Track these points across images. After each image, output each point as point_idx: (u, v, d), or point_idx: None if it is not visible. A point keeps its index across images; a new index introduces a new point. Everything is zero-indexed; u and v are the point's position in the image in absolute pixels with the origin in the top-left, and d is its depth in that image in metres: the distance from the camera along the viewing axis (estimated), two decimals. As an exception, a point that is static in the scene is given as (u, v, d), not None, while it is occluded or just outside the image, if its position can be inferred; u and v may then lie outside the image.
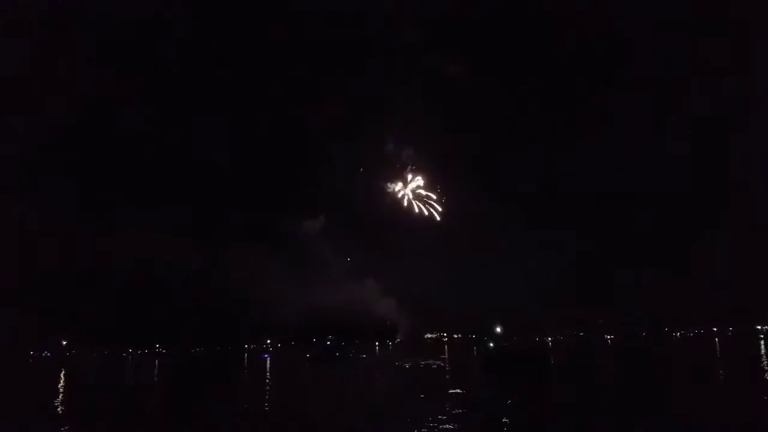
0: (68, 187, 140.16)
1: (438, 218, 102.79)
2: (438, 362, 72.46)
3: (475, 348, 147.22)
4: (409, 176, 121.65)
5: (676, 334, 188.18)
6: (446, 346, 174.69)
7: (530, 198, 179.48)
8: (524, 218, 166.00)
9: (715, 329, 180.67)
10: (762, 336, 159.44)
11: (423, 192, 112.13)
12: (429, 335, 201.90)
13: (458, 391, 37.92)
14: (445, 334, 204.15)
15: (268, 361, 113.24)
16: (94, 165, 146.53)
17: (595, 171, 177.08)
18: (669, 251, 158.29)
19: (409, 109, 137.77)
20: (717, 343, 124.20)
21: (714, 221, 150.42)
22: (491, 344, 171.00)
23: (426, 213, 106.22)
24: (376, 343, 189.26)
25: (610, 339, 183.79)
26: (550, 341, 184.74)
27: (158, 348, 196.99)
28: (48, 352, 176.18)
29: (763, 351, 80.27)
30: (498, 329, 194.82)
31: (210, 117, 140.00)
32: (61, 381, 65.00)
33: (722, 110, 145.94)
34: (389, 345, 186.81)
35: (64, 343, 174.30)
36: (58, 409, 34.45)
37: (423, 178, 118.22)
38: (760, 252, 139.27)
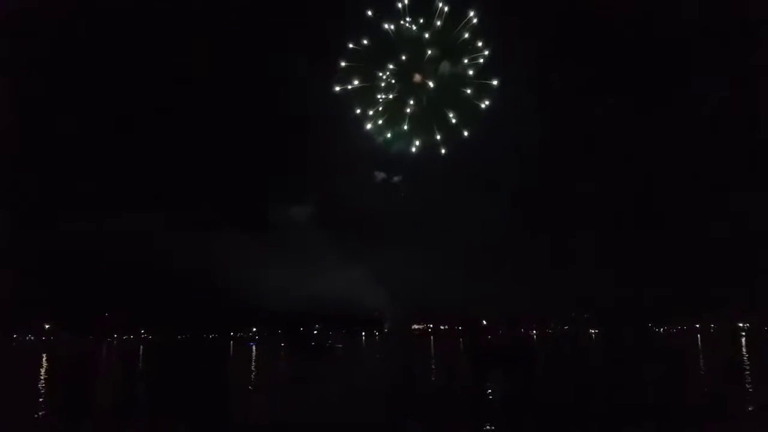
0: (51, 166, 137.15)
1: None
2: None
3: (461, 340, 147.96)
4: None
5: (659, 329, 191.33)
6: (431, 338, 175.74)
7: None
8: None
9: (697, 326, 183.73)
10: (744, 333, 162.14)
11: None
12: (416, 326, 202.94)
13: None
14: (431, 326, 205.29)
15: (254, 349, 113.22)
16: (78, 147, 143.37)
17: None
18: (654, 248, 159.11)
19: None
20: (699, 339, 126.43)
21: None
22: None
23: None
24: (363, 333, 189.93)
25: (595, 333, 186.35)
26: (536, 334, 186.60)
27: (143, 334, 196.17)
28: (31, 335, 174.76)
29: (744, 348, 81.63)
30: (484, 322, 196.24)
31: (192, 96, 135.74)
32: (43, 366, 64.30)
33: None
34: (376, 335, 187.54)
35: (47, 326, 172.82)
36: (39, 398, 33.90)
37: None
38: (742, 247, 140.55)
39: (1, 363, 78.20)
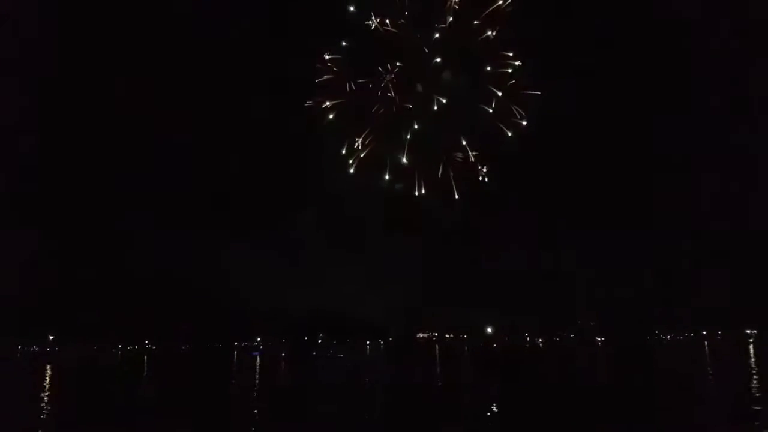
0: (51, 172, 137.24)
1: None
2: None
3: (466, 348, 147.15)
4: None
5: (666, 336, 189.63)
6: (436, 346, 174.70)
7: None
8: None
9: (704, 332, 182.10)
10: (751, 340, 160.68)
11: None
12: (421, 335, 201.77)
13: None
14: (435, 334, 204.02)
15: (258, 359, 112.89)
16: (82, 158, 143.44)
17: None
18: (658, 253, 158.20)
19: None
20: (706, 347, 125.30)
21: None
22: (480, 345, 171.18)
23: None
24: (367, 343, 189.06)
25: (601, 341, 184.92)
26: (541, 342, 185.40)
27: (147, 344, 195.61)
28: (35, 346, 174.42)
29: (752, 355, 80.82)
30: (489, 330, 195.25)
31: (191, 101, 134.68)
32: (47, 378, 64.12)
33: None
34: (381, 344, 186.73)
35: (51, 337, 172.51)
36: (44, 409, 33.69)
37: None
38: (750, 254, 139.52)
39: (5, 373, 78.05)
